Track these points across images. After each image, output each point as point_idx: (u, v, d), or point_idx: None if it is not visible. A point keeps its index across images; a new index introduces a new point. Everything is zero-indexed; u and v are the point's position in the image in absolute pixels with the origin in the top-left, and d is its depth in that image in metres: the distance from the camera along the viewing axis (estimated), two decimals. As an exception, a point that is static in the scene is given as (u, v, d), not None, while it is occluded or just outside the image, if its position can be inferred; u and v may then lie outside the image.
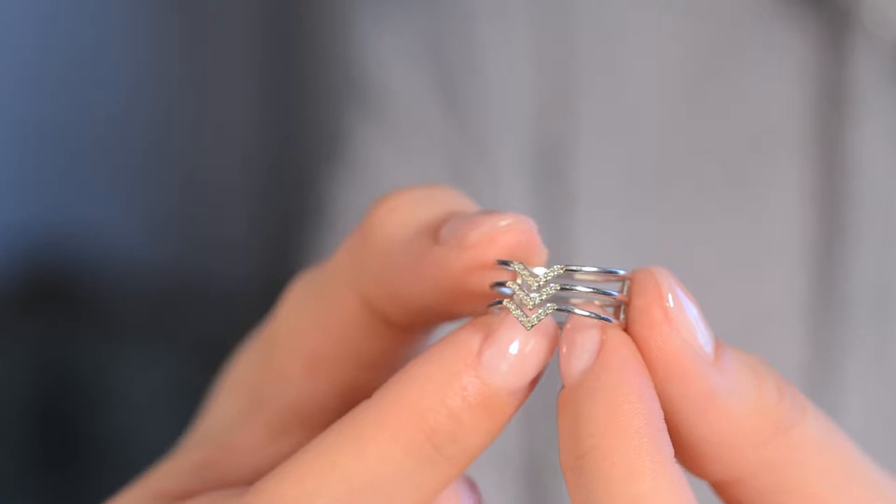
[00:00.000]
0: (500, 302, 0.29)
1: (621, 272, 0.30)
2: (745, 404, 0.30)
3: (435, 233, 0.31)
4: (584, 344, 0.29)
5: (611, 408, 0.28)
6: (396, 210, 0.32)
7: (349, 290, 0.32)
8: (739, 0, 0.57)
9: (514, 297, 0.29)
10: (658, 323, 0.29)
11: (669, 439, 0.28)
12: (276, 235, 1.42)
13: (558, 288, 0.29)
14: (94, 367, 1.31)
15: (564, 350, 0.29)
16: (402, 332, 0.32)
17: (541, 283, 0.29)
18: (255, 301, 1.40)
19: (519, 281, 0.29)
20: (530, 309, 0.29)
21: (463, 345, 0.29)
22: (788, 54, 0.56)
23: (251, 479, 0.30)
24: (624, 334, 0.29)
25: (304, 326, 0.33)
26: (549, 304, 0.29)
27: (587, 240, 0.57)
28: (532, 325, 0.29)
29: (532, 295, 0.29)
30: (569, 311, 0.29)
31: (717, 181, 0.57)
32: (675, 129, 0.57)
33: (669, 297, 0.29)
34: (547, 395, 0.54)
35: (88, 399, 1.31)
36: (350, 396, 0.32)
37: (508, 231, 0.30)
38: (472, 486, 0.30)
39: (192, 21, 1.47)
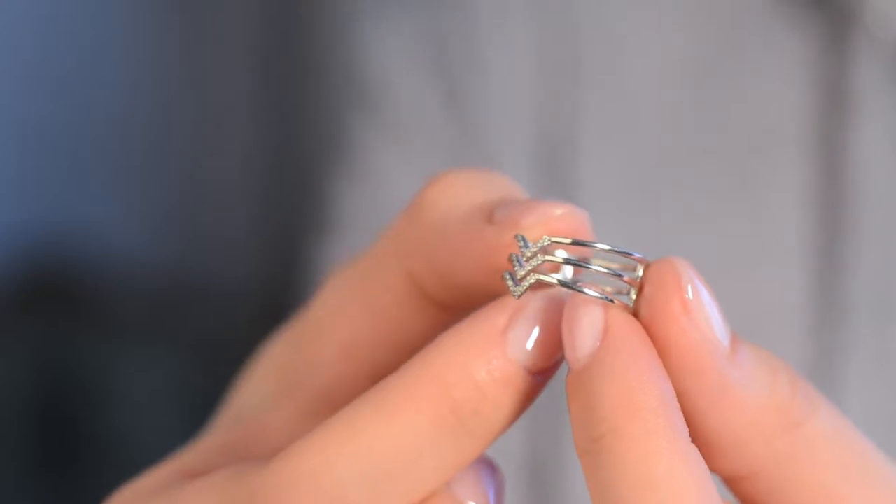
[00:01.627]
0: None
1: (636, 254, 0.30)
2: (758, 398, 0.30)
3: (489, 213, 0.31)
4: (588, 326, 0.29)
5: (623, 390, 0.28)
6: (451, 188, 0.32)
7: (394, 267, 0.32)
8: (741, 0, 0.57)
9: (510, 266, 0.30)
10: (676, 315, 0.29)
11: (684, 419, 0.28)
12: (277, 236, 1.42)
13: (543, 260, 0.29)
14: (94, 367, 1.31)
15: (567, 333, 0.29)
16: (443, 312, 0.33)
17: (529, 254, 0.30)
18: (255, 301, 1.41)
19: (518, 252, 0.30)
20: (520, 279, 0.29)
21: (490, 320, 0.29)
22: (790, 54, 0.56)
23: None
24: (628, 314, 0.29)
25: (342, 310, 0.33)
26: (532, 275, 0.29)
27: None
28: (518, 295, 0.29)
29: (523, 265, 0.30)
30: (566, 286, 0.29)
31: (718, 181, 0.57)
32: (676, 129, 0.57)
33: (689, 288, 0.29)
34: (548, 391, 0.53)
35: (88, 399, 1.30)
36: None
37: (562, 219, 0.30)
38: (493, 467, 0.31)
39: (191, 21, 1.47)
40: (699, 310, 0.29)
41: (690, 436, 0.29)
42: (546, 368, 0.29)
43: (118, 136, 1.47)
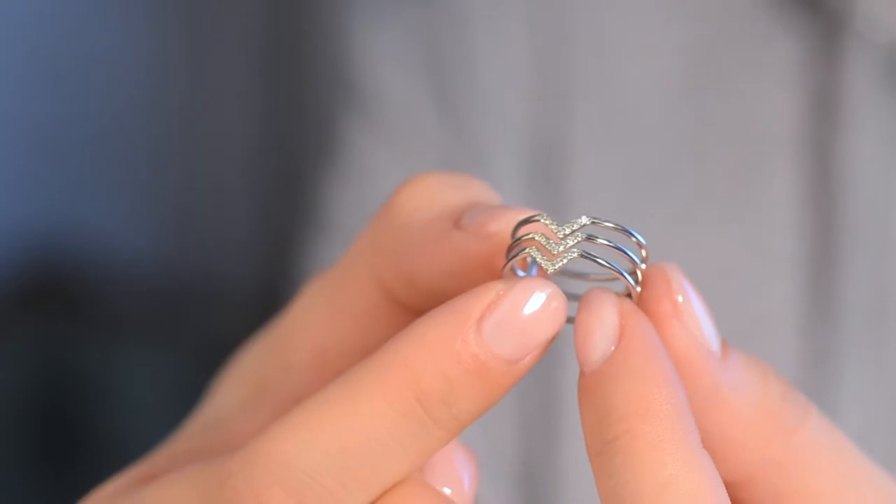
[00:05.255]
0: (516, 256, 0.29)
1: (640, 237, 0.30)
2: (749, 403, 0.30)
3: (457, 218, 0.31)
4: (603, 329, 0.29)
5: (640, 392, 0.28)
6: (422, 191, 0.32)
7: (365, 270, 0.32)
8: (734, 3, 0.57)
9: (538, 242, 0.29)
10: (667, 316, 0.29)
11: (695, 424, 0.28)
12: (276, 236, 1.42)
13: (584, 237, 0.29)
14: (94, 367, 1.31)
15: (581, 335, 0.29)
16: (415, 318, 0.32)
17: (567, 231, 0.29)
18: (256, 302, 1.41)
19: (543, 231, 0.29)
20: (554, 255, 0.29)
21: (465, 309, 0.29)
22: (781, 58, 0.56)
23: None
24: (643, 316, 0.29)
25: (315, 317, 0.33)
26: (574, 250, 0.29)
27: (583, 242, 0.57)
28: (555, 269, 0.29)
29: (558, 243, 0.29)
30: (593, 260, 0.29)
31: (711, 185, 0.57)
32: (669, 133, 0.57)
33: (679, 292, 0.29)
34: (543, 395, 0.53)
35: (88, 399, 1.31)
36: None
37: (528, 226, 0.30)
38: (468, 453, 0.31)
39: (192, 21, 1.47)
40: (689, 313, 0.29)
41: None
42: (523, 359, 0.29)
43: (118, 136, 1.47)
